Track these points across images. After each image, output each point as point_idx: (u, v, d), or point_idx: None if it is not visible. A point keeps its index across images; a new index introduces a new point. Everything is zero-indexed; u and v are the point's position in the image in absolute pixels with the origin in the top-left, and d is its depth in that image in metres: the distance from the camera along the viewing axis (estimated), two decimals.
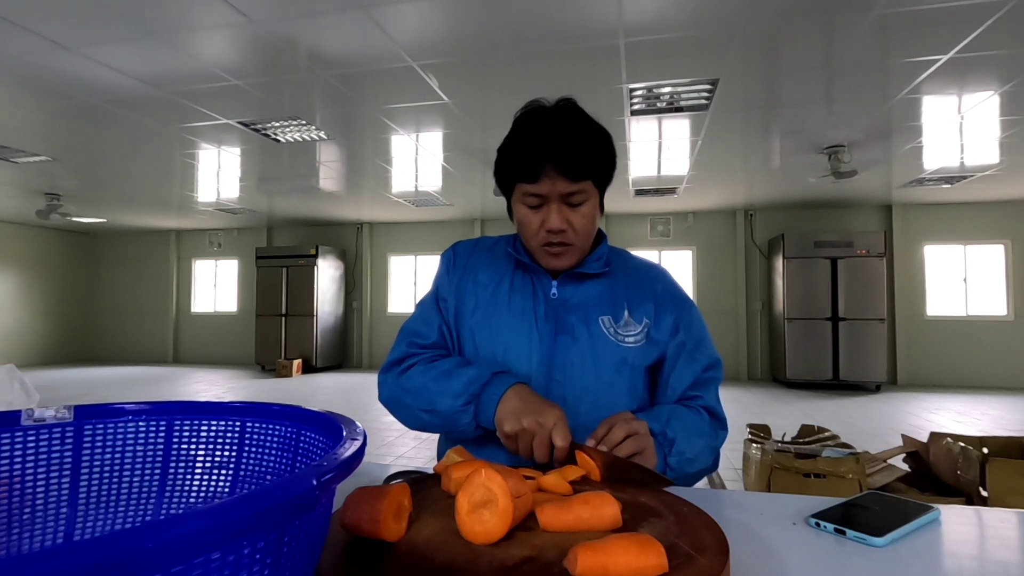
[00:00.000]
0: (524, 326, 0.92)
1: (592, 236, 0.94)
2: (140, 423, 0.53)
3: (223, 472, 0.52)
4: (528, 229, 0.90)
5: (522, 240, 0.95)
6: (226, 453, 0.52)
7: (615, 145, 0.92)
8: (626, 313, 0.93)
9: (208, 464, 0.53)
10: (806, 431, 2.84)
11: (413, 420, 0.93)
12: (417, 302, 1.05)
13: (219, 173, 6.00)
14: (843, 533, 0.59)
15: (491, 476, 0.52)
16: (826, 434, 2.74)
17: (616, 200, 7.39)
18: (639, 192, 6.90)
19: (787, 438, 2.81)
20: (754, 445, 2.45)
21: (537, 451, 0.78)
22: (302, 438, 0.48)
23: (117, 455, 0.52)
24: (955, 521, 0.64)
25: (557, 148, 0.84)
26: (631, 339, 0.92)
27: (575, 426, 0.87)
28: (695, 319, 0.98)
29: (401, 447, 4.06)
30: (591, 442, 0.76)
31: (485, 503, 0.51)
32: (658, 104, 4.01)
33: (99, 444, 0.51)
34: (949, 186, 6.48)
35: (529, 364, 0.91)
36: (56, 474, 0.49)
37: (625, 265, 1.00)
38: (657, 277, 1.00)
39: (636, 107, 4.05)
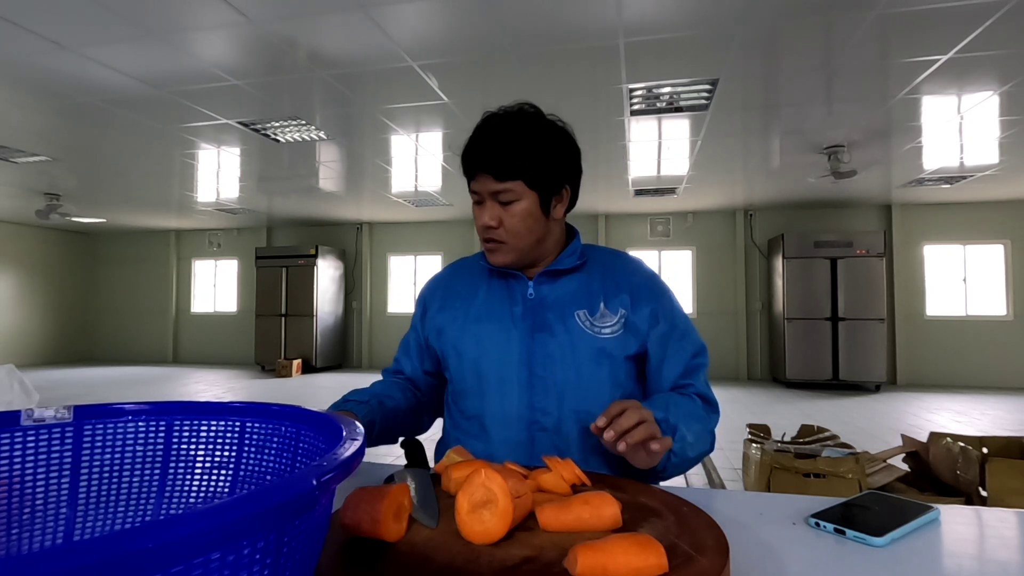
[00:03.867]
0: (501, 329, 0.95)
1: (529, 236, 0.94)
2: (140, 423, 0.53)
3: (223, 472, 0.52)
4: (476, 225, 0.97)
5: None
6: (226, 453, 0.52)
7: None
8: (602, 305, 0.95)
9: (208, 464, 0.53)
10: (806, 431, 2.84)
11: None
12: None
13: (219, 173, 5.99)
14: (843, 533, 0.59)
15: (491, 476, 0.52)
16: (826, 434, 2.74)
17: (616, 200, 7.39)
18: (639, 192, 6.90)
19: (787, 438, 2.81)
20: (754, 445, 2.45)
21: None
22: (302, 438, 0.48)
23: (117, 455, 0.52)
24: (954, 521, 0.64)
25: (485, 148, 0.90)
26: (608, 330, 0.94)
27: (561, 417, 0.91)
28: (675, 308, 1.00)
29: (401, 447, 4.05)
30: (602, 420, 0.75)
31: (485, 503, 0.51)
32: (658, 104, 4.01)
33: (99, 444, 0.51)
34: (949, 186, 6.48)
35: (509, 364, 0.93)
36: (56, 474, 0.49)
37: (600, 260, 1.02)
38: (632, 269, 1.01)
39: (636, 107, 4.05)
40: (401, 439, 0.87)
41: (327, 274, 9.09)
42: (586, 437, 0.91)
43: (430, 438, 0.95)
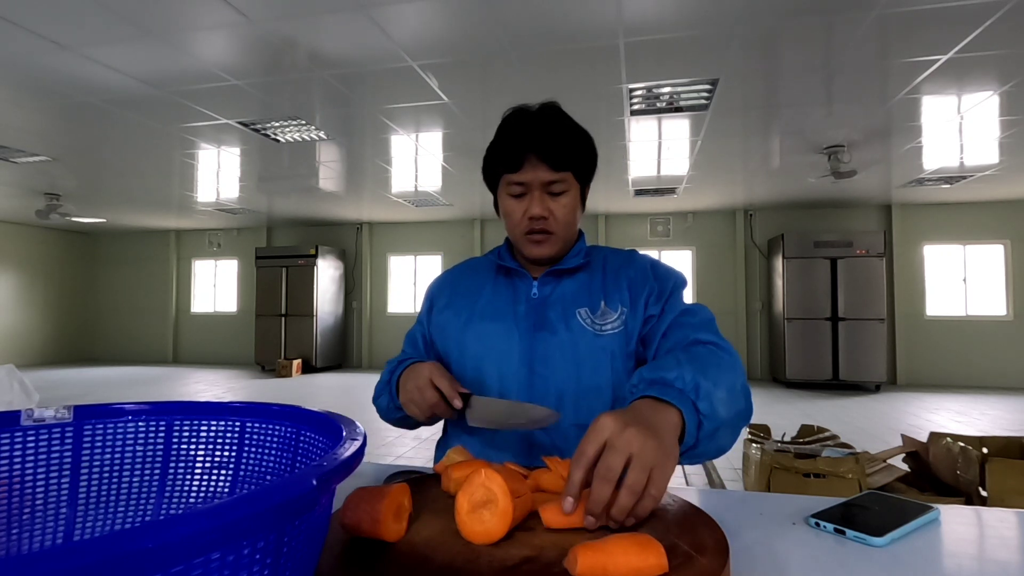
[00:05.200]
0: (503, 327, 0.96)
1: (573, 227, 0.97)
2: (140, 423, 0.53)
3: (223, 472, 0.52)
4: (511, 219, 0.95)
5: (508, 232, 0.99)
6: (226, 453, 0.52)
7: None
8: (603, 304, 0.95)
9: (208, 464, 0.53)
10: (806, 431, 2.84)
11: (389, 414, 1.01)
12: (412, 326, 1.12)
13: (219, 173, 5.99)
14: (843, 533, 0.59)
15: (491, 476, 0.52)
16: (826, 434, 2.75)
17: (616, 200, 7.39)
18: (639, 192, 6.90)
19: (787, 438, 2.81)
20: (754, 445, 2.45)
21: (426, 393, 0.84)
22: (302, 438, 0.48)
23: (117, 455, 0.52)
24: (954, 521, 0.64)
25: (539, 138, 0.90)
26: (609, 327, 0.93)
27: (562, 418, 0.89)
28: (671, 286, 0.96)
29: (401, 447, 4.06)
30: (574, 488, 0.54)
31: (485, 503, 0.51)
32: (658, 104, 4.01)
33: (99, 444, 0.51)
34: (949, 186, 6.48)
35: (510, 362, 0.94)
36: (56, 474, 0.49)
37: (603, 258, 1.03)
38: (631, 264, 1.01)
39: (636, 107, 4.05)
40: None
41: (327, 274, 9.09)
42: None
43: (431, 437, 0.96)
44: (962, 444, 2.23)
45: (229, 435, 0.53)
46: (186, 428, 0.53)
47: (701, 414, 0.66)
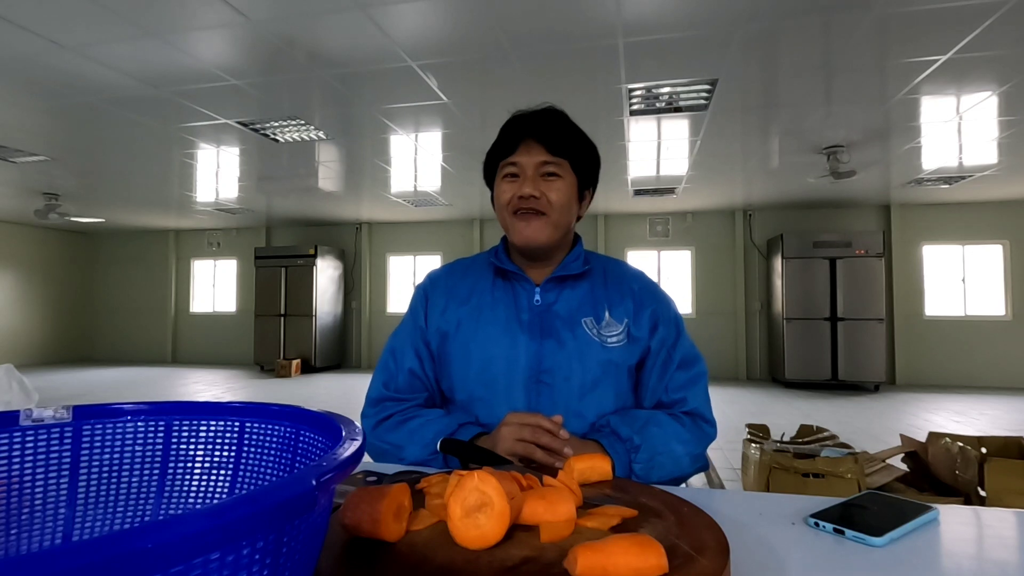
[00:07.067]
0: (509, 335, 0.94)
1: (566, 217, 0.95)
2: (139, 423, 0.53)
3: (222, 472, 0.52)
4: (501, 200, 0.94)
5: (498, 218, 0.98)
6: (225, 453, 0.52)
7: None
8: (607, 314, 0.95)
9: (207, 464, 0.52)
10: (805, 431, 2.84)
11: (391, 461, 0.95)
12: (396, 329, 1.05)
13: (218, 173, 5.99)
14: (842, 533, 0.59)
15: (484, 478, 0.52)
16: (825, 434, 2.75)
17: (615, 200, 7.39)
18: (638, 192, 6.90)
19: (786, 438, 2.82)
20: (753, 445, 2.46)
21: (545, 438, 0.80)
22: (301, 438, 0.48)
23: (116, 455, 0.52)
24: (953, 521, 0.64)
25: (536, 122, 0.92)
26: (613, 339, 0.93)
27: (566, 426, 0.89)
28: (674, 316, 1.00)
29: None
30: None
31: (480, 507, 0.51)
32: (657, 104, 4.01)
33: (98, 444, 0.51)
34: (948, 186, 6.49)
35: (516, 371, 0.92)
36: (55, 474, 0.49)
37: (603, 266, 1.02)
38: (633, 276, 1.02)
39: (635, 107, 4.05)
40: (441, 441, 0.84)
41: (326, 274, 9.09)
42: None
43: None
44: (961, 444, 2.23)
45: (228, 435, 0.53)
46: (185, 428, 0.53)
47: (634, 472, 0.85)
